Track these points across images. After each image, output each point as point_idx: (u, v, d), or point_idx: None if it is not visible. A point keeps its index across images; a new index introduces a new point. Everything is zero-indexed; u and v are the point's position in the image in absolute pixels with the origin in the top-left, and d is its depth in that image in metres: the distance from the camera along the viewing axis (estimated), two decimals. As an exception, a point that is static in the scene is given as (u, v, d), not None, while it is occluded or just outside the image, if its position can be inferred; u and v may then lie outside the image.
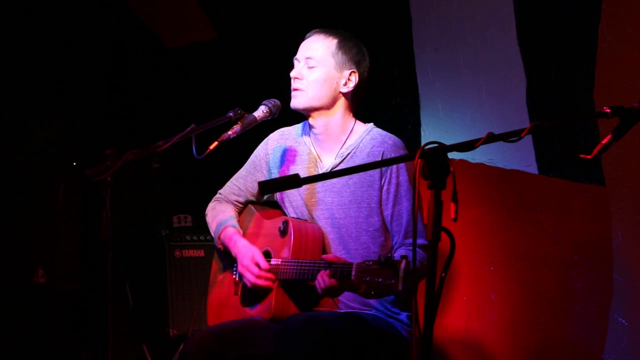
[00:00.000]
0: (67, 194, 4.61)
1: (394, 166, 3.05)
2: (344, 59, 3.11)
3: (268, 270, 3.02)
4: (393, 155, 3.07)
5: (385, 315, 3.05)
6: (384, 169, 3.06)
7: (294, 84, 3.13)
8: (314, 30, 3.19)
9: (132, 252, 5.00)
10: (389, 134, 3.15)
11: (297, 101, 3.12)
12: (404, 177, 3.05)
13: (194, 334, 3.01)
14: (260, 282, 3.01)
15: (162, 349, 4.73)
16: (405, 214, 3.04)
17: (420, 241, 2.98)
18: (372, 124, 3.20)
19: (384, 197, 3.06)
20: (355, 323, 2.92)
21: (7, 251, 4.46)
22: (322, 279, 2.78)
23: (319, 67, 3.10)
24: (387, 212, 3.06)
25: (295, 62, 3.16)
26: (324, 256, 2.90)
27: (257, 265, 3.03)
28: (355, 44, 3.16)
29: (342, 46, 3.12)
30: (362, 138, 3.13)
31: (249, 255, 3.06)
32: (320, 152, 3.19)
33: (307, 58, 3.11)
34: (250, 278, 3.03)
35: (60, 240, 4.58)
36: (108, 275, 2.70)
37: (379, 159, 3.06)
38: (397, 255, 3.00)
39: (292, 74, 3.14)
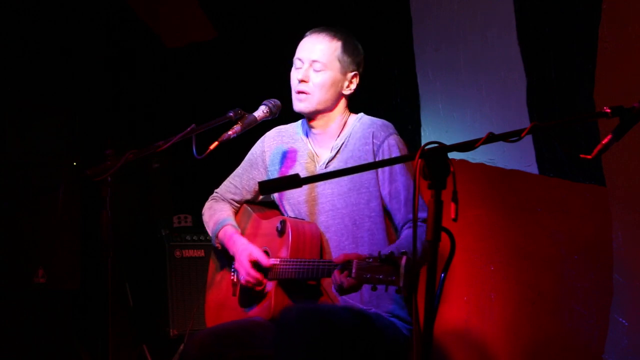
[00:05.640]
0: (67, 193, 4.61)
1: (385, 145, 3.05)
2: (348, 61, 3.10)
3: (267, 268, 3.02)
4: (383, 133, 3.07)
5: (387, 314, 3.05)
6: (375, 149, 3.05)
7: (300, 87, 3.08)
8: (314, 30, 3.15)
9: (132, 252, 5.00)
10: (378, 118, 3.16)
11: (304, 105, 3.09)
12: (396, 154, 3.05)
13: (193, 335, 3.00)
14: (251, 279, 3.03)
15: (162, 349, 4.73)
16: (403, 190, 3.02)
17: (422, 215, 2.96)
18: (362, 113, 3.20)
19: (380, 177, 3.05)
20: (354, 317, 2.92)
21: (7, 251, 4.46)
22: (336, 277, 2.76)
23: (326, 70, 3.07)
24: (385, 192, 3.05)
25: (297, 62, 3.12)
26: (334, 258, 2.88)
27: (257, 263, 3.03)
28: (355, 45, 3.15)
29: (347, 49, 3.10)
30: (354, 126, 3.14)
31: (246, 253, 3.07)
32: (317, 148, 3.19)
33: (313, 61, 3.07)
34: (243, 275, 3.06)
35: (60, 240, 4.57)
36: (108, 275, 2.69)
37: (370, 139, 3.06)
38: (404, 235, 3.00)
39: (298, 76, 3.08)
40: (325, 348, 2.71)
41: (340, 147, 3.12)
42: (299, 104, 3.10)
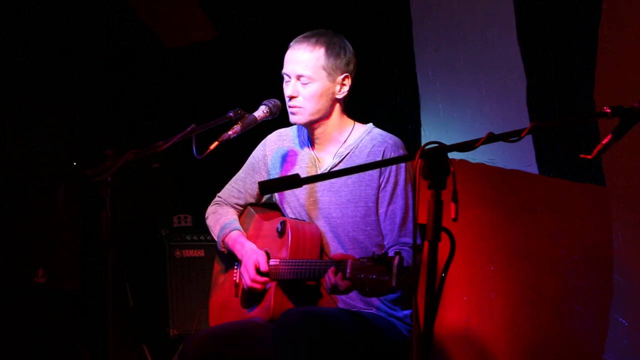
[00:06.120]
0: (67, 194, 4.61)
1: (394, 165, 3.05)
2: (335, 66, 3.05)
3: (266, 272, 3.03)
4: (394, 154, 3.06)
5: (386, 314, 3.05)
6: (383, 168, 3.05)
7: (291, 103, 3.07)
8: (296, 40, 3.11)
9: (132, 252, 5.00)
10: (389, 134, 3.14)
11: (297, 118, 3.09)
12: (402, 177, 3.05)
13: (192, 335, 3.02)
14: (255, 285, 3.03)
15: (162, 349, 4.73)
16: (399, 213, 3.04)
17: (408, 240, 3.00)
18: (371, 124, 3.19)
19: (380, 195, 3.06)
20: (353, 320, 2.92)
21: (7, 251, 4.46)
22: (331, 277, 2.77)
23: (313, 82, 3.04)
24: (382, 211, 3.06)
25: (285, 77, 3.10)
26: (332, 255, 2.89)
27: (257, 268, 3.04)
28: (340, 45, 3.08)
29: (330, 54, 3.05)
30: (362, 138, 3.13)
31: (253, 258, 3.07)
32: (319, 153, 3.19)
33: (299, 75, 3.04)
34: (246, 281, 3.06)
35: (60, 240, 4.57)
36: (108, 275, 2.70)
37: (379, 157, 3.05)
38: (390, 253, 3.01)
39: (287, 93, 3.07)
40: (324, 351, 2.72)
41: (345, 156, 3.11)
42: (293, 117, 3.10)
